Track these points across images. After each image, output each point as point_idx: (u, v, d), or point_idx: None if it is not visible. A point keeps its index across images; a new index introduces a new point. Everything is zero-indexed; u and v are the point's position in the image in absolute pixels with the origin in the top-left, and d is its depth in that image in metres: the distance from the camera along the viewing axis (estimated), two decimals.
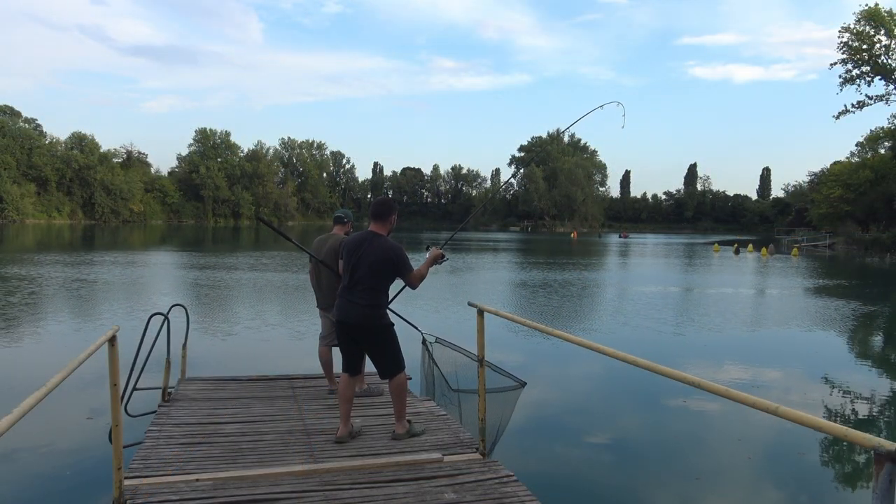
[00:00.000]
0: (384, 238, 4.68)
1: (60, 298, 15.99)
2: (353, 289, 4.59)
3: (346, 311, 4.61)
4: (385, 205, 4.81)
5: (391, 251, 4.60)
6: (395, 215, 4.80)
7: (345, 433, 4.77)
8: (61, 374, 2.56)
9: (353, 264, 4.62)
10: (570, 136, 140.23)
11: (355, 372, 4.85)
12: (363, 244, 4.65)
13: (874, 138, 64.18)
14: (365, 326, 4.61)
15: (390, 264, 4.59)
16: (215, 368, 8.37)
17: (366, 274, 4.56)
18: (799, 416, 1.98)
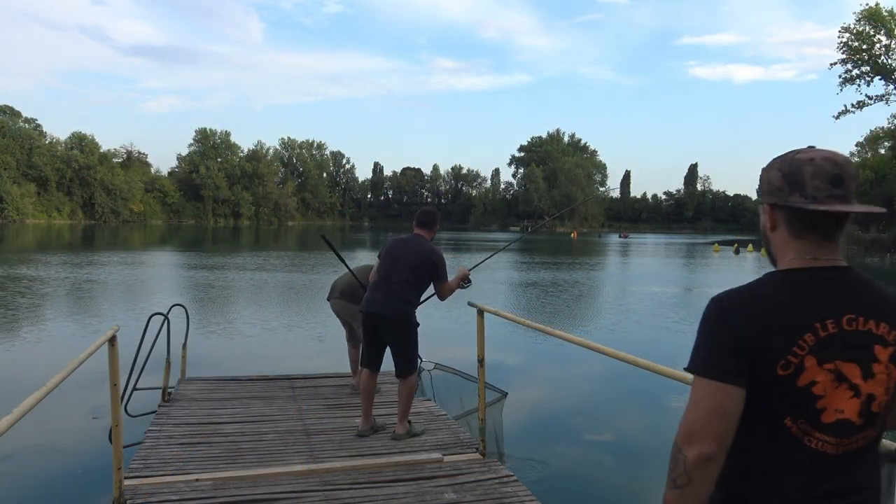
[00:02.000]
0: (428, 241, 4.92)
1: (61, 298, 15.99)
2: (391, 282, 4.71)
3: (380, 302, 4.69)
4: (431, 214, 5.11)
5: (434, 253, 4.83)
6: (437, 225, 5.08)
7: (366, 427, 4.88)
8: (61, 374, 2.56)
9: (394, 259, 4.77)
10: (570, 136, 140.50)
11: (377, 367, 4.91)
12: (408, 243, 4.86)
13: (874, 138, 64.19)
14: (395, 320, 4.68)
15: (431, 265, 4.78)
16: (215, 368, 8.36)
17: (406, 270, 4.71)
18: None
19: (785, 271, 1.44)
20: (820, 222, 1.41)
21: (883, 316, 1.39)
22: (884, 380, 1.36)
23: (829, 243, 1.43)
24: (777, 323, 1.35)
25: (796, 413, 1.35)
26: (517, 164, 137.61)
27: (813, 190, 1.40)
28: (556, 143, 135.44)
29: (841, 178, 1.41)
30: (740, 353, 1.33)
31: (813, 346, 1.34)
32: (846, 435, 1.36)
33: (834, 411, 1.35)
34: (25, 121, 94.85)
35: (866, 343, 1.37)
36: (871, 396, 1.36)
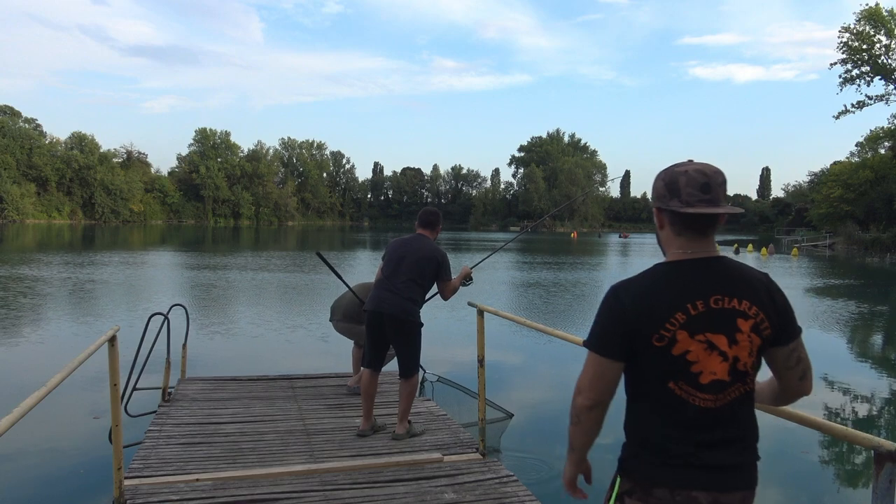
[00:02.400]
0: (432, 241, 4.94)
1: (61, 298, 15.99)
2: (395, 280, 4.71)
3: (385, 300, 4.69)
4: (434, 214, 5.10)
5: (438, 252, 4.84)
6: (440, 225, 5.09)
7: (367, 427, 4.89)
8: (61, 374, 2.57)
9: (399, 258, 4.77)
10: (570, 136, 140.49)
11: (379, 367, 4.92)
12: (411, 242, 4.87)
13: (874, 138, 64.14)
14: (400, 319, 4.68)
15: (435, 263, 4.78)
16: (215, 368, 8.36)
17: (410, 269, 4.72)
18: (799, 416, 1.98)
19: (667, 262, 1.80)
20: (693, 222, 1.76)
21: (745, 295, 1.73)
22: (746, 345, 1.73)
23: (703, 238, 1.78)
24: (654, 304, 1.71)
25: (677, 377, 1.71)
26: (517, 164, 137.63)
27: (687, 196, 1.74)
28: (556, 143, 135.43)
29: (709, 185, 1.73)
30: (623, 333, 1.72)
31: (683, 323, 1.69)
32: (720, 391, 1.71)
33: (709, 374, 1.70)
34: (25, 121, 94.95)
35: (731, 317, 1.72)
36: (737, 359, 1.72)
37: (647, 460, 1.76)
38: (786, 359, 1.80)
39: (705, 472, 1.70)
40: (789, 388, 1.86)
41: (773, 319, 1.75)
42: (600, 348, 1.76)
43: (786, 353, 1.79)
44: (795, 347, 1.79)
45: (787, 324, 1.78)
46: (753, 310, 1.73)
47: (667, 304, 1.71)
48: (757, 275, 1.79)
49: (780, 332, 1.77)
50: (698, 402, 1.71)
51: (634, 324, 1.71)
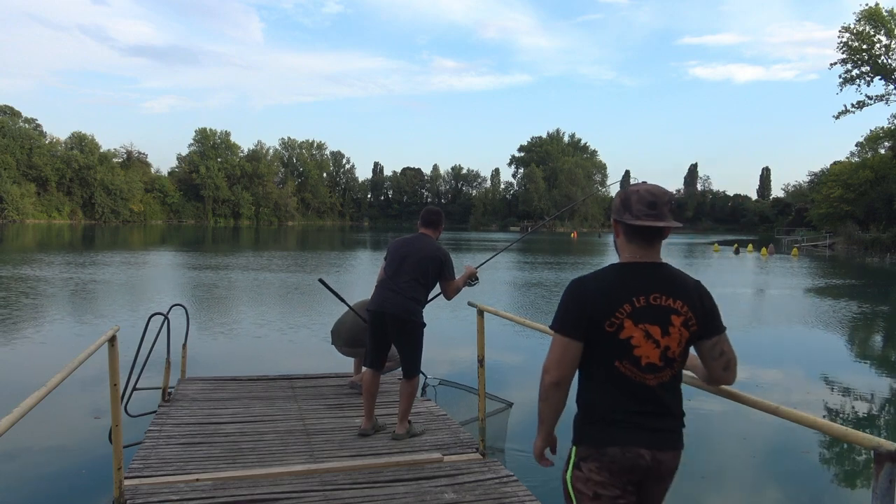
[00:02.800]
0: (434, 240, 4.91)
1: (61, 298, 15.99)
2: (398, 279, 4.69)
3: (388, 300, 4.67)
4: (437, 214, 5.07)
5: (441, 251, 4.82)
6: (443, 224, 5.06)
7: (368, 427, 4.87)
8: (61, 374, 2.56)
9: (401, 257, 4.75)
10: (570, 136, 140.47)
11: (381, 367, 4.91)
12: (414, 242, 4.84)
13: (874, 138, 64.11)
14: (402, 319, 4.66)
15: (438, 262, 4.76)
16: (215, 368, 8.36)
17: (413, 269, 4.70)
18: (799, 416, 1.98)
19: (620, 264, 2.19)
20: (641, 232, 2.15)
21: (679, 296, 2.12)
22: (676, 337, 2.10)
23: (649, 246, 2.17)
24: (607, 296, 2.09)
25: (622, 357, 2.08)
26: (517, 164, 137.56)
27: (636, 211, 2.13)
28: (556, 143, 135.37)
29: (655, 203, 2.13)
30: (583, 318, 2.08)
31: (629, 313, 2.07)
32: (655, 372, 2.08)
33: (645, 357, 2.07)
34: (25, 121, 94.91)
35: (666, 313, 2.10)
36: (668, 348, 2.09)
37: (599, 427, 2.12)
38: (710, 350, 2.18)
39: (648, 434, 2.08)
40: (714, 376, 2.23)
41: (700, 318, 2.14)
42: (564, 329, 2.12)
43: (710, 346, 2.17)
44: (718, 342, 2.17)
45: (711, 322, 2.16)
46: (684, 308, 2.12)
47: (617, 296, 2.09)
48: (690, 281, 2.19)
49: (705, 328, 2.15)
50: (639, 378, 2.09)
51: (591, 311, 2.08)
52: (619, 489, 2.09)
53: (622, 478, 2.08)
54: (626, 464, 2.07)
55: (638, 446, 2.07)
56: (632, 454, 2.06)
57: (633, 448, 2.06)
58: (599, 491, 2.08)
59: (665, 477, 2.16)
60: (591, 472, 2.10)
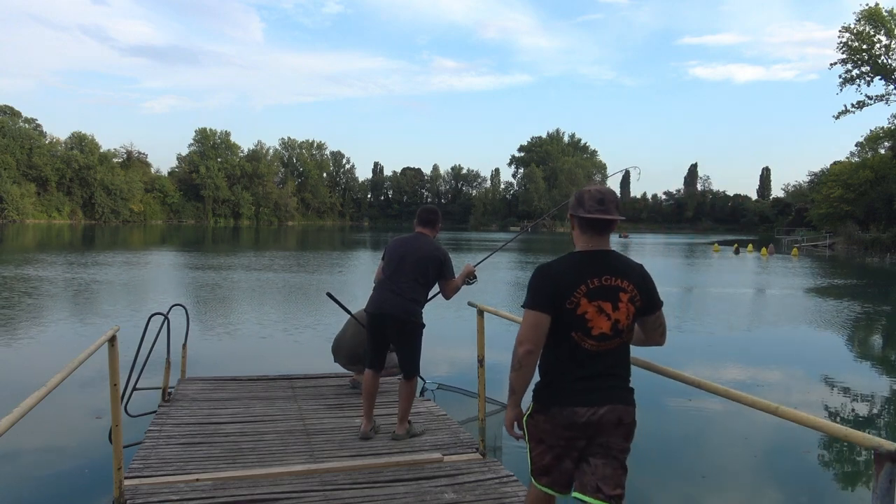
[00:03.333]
0: (432, 239, 4.85)
1: (61, 298, 15.99)
2: (397, 280, 4.64)
3: (387, 302, 4.63)
4: (433, 212, 5.00)
5: (439, 250, 4.76)
6: (440, 223, 4.98)
7: (368, 429, 4.81)
8: (61, 374, 2.56)
9: (400, 257, 4.69)
10: (570, 136, 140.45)
11: (380, 368, 4.87)
12: (412, 241, 4.79)
13: (874, 138, 64.09)
14: (402, 320, 4.62)
15: (437, 262, 4.70)
16: (215, 368, 8.36)
17: (412, 269, 4.65)
18: (799, 417, 1.98)
19: (577, 252, 2.62)
20: (592, 225, 2.58)
21: (626, 277, 2.55)
22: (624, 311, 2.53)
23: (599, 237, 2.60)
24: (567, 278, 2.51)
25: (576, 329, 2.50)
26: (517, 164, 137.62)
27: (588, 207, 2.56)
28: (556, 143, 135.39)
29: (604, 200, 2.56)
30: (550, 294, 2.49)
31: (585, 292, 2.49)
32: (604, 341, 2.51)
33: (598, 328, 2.50)
34: (25, 121, 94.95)
35: (615, 291, 2.52)
36: (617, 321, 2.52)
37: (548, 390, 2.57)
38: (652, 323, 2.68)
39: (584, 394, 2.50)
40: (652, 340, 2.74)
41: (643, 296, 2.58)
42: (536, 305, 2.51)
43: (652, 320, 2.66)
44: (658, 316, 2.68)
45: (652, 300, 2.63)
46: (631, 287, 2.55)
47: (574, 279, 2.51)
48: (635, 265, 2.63)
49: (648, 304, 2.61)
50: (588, 346, 2.51)
51: (555, 290, 2.50)
52: (563, 440, 2.52)
53: (564, 432, 2.51)
54: (563, 421, 2.50)
55: (574, 406, 2.49)
56: (568, 412, 2.50)
57: (570, 407, 2.50)
58: (543, 436, 2.58)
59: (611, 429, 2.51)
60: (540, 421, 2.58)
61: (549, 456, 2.57)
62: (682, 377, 2.54)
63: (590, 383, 2.50)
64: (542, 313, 2.49)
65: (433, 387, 6.78)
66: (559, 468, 2.56)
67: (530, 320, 2.50)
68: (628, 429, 2.55)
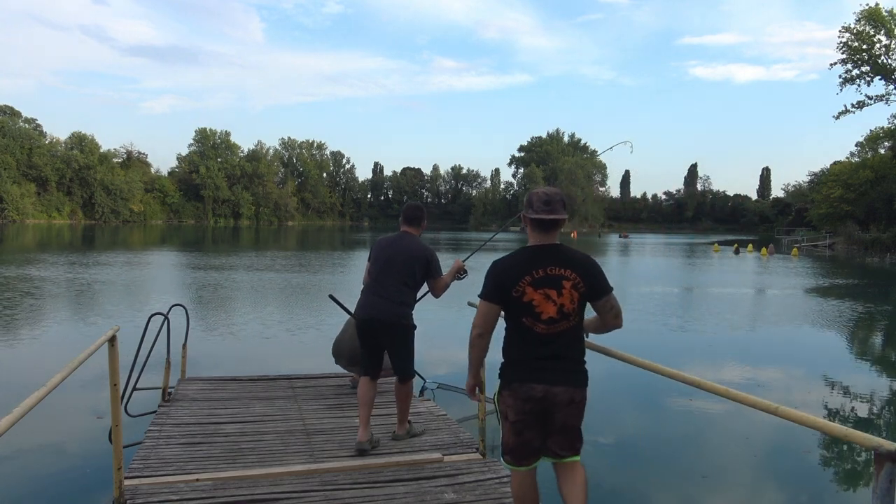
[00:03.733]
0: (418, 238, 4.73)
1: (61, 298, 15.99)
2: (384, 284, 4.55)
3: (376, 306, 4.53)
4: (419, 210, 4.86)
5: (426, 249, 4.64)
6: (425, 220, 4.85)
7: (366, 439, 4.59)
8: (61, 374, 2.56)
9: (386, 259, 4.59)
10: (569, 136, 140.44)
11: (377, 374, 4.72)
12: (398, 242, 4.66)
13: (874, 138, 64.10)
14: (392, 324, 4.53)
15: (424, 262, 4.59)
16: (215, 368, 8.36)
17: (399, 271, 4.54)
18: (799, 417, 1.98)
19: (526, 247, 2.98)
20: (539, 223, 2.95)
21: (569, 267, 2.89)
22: (568, 297, 2.87)
23: (547, 233, 2.96)
24: (513, 271, 2.89)
25: (526, 314, 2.87)
26: (517, 164, 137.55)
27: (536, 207, 2.95)
28: (556, 143, 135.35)
29: (549, 201, 2.94)
30: (498, 286, 2.89)
31: (529, 282, 2.85)
32: (552, 324, 2.87)
33: (546, 313, 2.86)
34: (25, 121, 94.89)
35: (559, 279, 2.87)
36: (563, 305, 2.87)
37: (510, 369, 2.94)
38: (602, 306, 2.97)
39: (540, 372, 2.87)
40: (606, 323, 3.03)
41: (587, 283, 2.90)
42: (485, 296, 2.94)
43: (601, 303, 2.97)
44: (608, 299, 2.96)
45: (597, 286, 2.93)
46: (573, 275, 2.88)
47: (520, 270, 2.88)
48: (581, 256, 2.96)
49: (593, 290, 2.93)
50: (539, 329, 2.87)
51: (502, 282, 2.89)
52: (524, 413, 2.91)
53: (524, 405, 2.90)
54: (522, 395, 2.89)
55: (532, 383, 2.88)
56: (527, 388, 2.88)
57: (528, 384, 2.88)
58: (509, 411, 2.96)
59: (562, 406, 2.89)
60: (505, 396, 2.98)
61: (513, 432, 2.96)
62: (682, 377, 2.54)
63: (545, 363, 2.87)
64: (490, 303, 2.92)
65: (433, 386, 6.79)
66: (522, 440, 2.95)
67: (481, 309, 2.95)
68: (579, 406, 2.95)
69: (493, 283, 2.91)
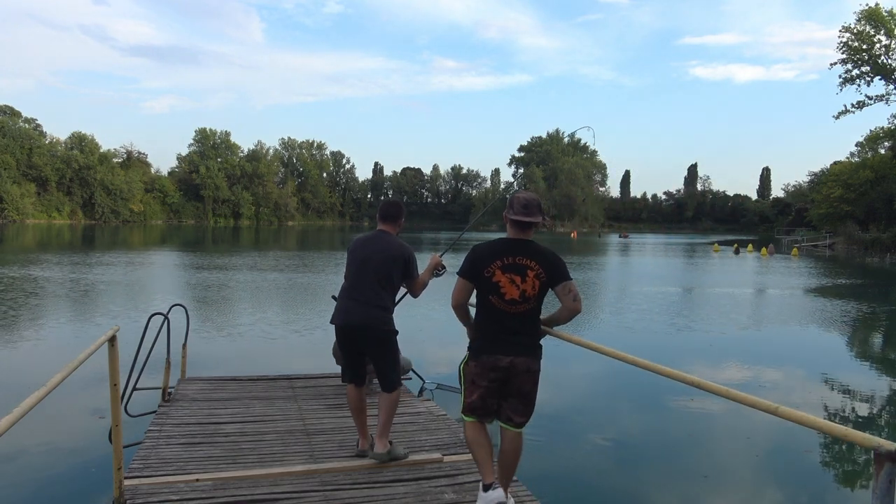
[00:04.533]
0: (395, 237, 4.50)
1: (61, 298, 15.99)
2: (360, 288, 4.32)
3: (353, 312, 4.30)
4: (396, 206, 4.62)
5: (404, 249, 4.41)
6: (403, 218, 4.62)
7: (366, 446, 4.48)
8: (61, 374, 2.56)
9: (363, 261, 4.36)
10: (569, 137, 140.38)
11: (363, 381, 4.51)
12: (375, 242, 4.43)
13: (874, 138, 64.11)
14: (371, 329, 4.29)
15: (402, 262, 4.38)
16: (215, 368, 8.36)
17: (377, 272, 4.32)
18: (799, 417, 1.98)
19: (504, 238, 3.49)
20: (517, 224, 3.45)
21: (534, 257, 3.40)
22: (531, 283, 3.37)
23: (523, 231, 3.46)
24: (487, 255, 3.41)
25: (493, 294, 3.39)
26: (517, 164, 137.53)
27: (516, 210, 3.43)
28: (556, 143, 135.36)
29: (527, 205, 3.43)
30: (473, 267, 3.43)
31: (500, 266, 3.37)
32: (514, 305, 3.38)
33: (509, 294, 3.37)
34: (25, 121, 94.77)
35: (524, 268, 3.38)
36: (525, 290, 3.37)
37: (479, 342, 3.48)
38: (561, 290, 3.42)
39: (506, 346, 3.40)
40: (566, 306, 3.45)
41: (548, 272, 3.39)
42: (461, 273, 3.50)
43: (560, 288, 3.42)
44: (566, 285, 3.41)
45: (556, 274, 3.41)
46: (536, 265, 3.38)
47: (492, 256, 3.42)
48: (546, 251, 3.44)
49: (552, 278, 3.40)
50: (504, 308, 3.39)
51: (477, 264, 3.43)
52: (487, 380, 3.43)
53: (489, 374, 3.42)
54: (489, 364, 3.41)
55: (497, 354, 3.40)
56: (493, 358, 3.40)
57: (495, 355, 3.40)
58: (475, 378, 3.47)
59: (522, 373, 3.42)
60: (472, 366, 3.48)
61: (476, 395, 3.47)
62: (682, 377, 2.54)
63: (508, 337, 3.40)
64: (465, 281, 3.48)
65: (432, 387, 6.79)
66: (484, 404, 3.49)
67: (457, 284, 3.52)
68: (534, 376, 3.47)
69: (470, 263, 3.45)
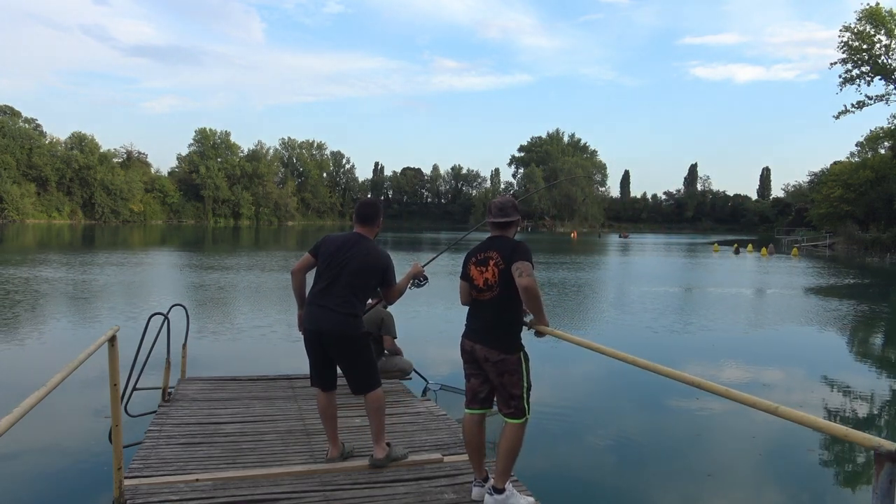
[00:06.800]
0: (372, 242, 4.29)
1: (60, 298, 15.99)
2: (331, 294, 4.13)
3: (322, 318, 4.11)
4: (373, 206, 4.41)
5: (382, 257, 4.24)
6: (381, 218, 4.40)
7: (335, 454, 4.36)
8: (61, 374, 2.56)
9: (337, 267, 4.15)
10: (569, 136, 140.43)
11: (330, 386, 4.33)
12: (349, 246, 4.21)
13: (874, 138, 64.11)
14: (339, 335, 4.12)
15: (378, 271, 4.21)
16: (215, 368, 8.36)
17: (352, 279, 4.13)
18: (799, 417, 1.98)
19: (484, 239, 3.89)
20: (492, 225, 3.89)
21: (497, 250, 3.73)
22: (492, 271, 3.71)
23: (499, 231, 3.85)
24: (469, 255, 3.91)
25: (471, 286, 3.82)
26: (517, 164, 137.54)
27: (493, 213, 3.89)
28: (556, 143, 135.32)
29: (502, 207, 3.89)
30: (463, 268, 3.91)
31: (474, 262, 3.82)
32: (482, 292, 3.75)
33: (477, 282, 3.78)
34: (25, 121, 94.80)
35: (488, 259, 3.74)
36: (487, 278, 3.73)
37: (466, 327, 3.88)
38: (515, 269, 3.60)
39: (469, 332, 3.81)
40: (518, 281, 3.58)
41: (505, 258, 3.67)
42: (461, 276, 3.90)
43: (514, 268, 3.61)
44: (517, 265, 3.60)
45: (510, 258, 3.64)
46: (497, 255, 3.71)
47: (470, 255, 3.88)
48: (511, 242, 3.75)
49: (507, 262, 3.65)
50: (476, 296, 3.79)
51: (464, 264, 3.88)
52: (465, 363, 3.84)
53: (463, 356, 3.84)
54: (463, 347, 3.83)
55: (464, 338, 3.82)
56: (463, 342, 3.82)
57: (464, 339, 3.82)
58: (463, 364, 3.89)
59: (482, 362, 3.71)
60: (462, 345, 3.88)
61: (467, 383, 3.86)
62: (683, 377, 2.54)
63: (474, 325, 3.78)
64: (461, 280, 3.89)
65: (436, 388, 6.79)
66: (470, 385, 3.83)
67: (459, 285, 3.92)
68: (495, 366, 3.66)
69: (463, 265, 3.90)
